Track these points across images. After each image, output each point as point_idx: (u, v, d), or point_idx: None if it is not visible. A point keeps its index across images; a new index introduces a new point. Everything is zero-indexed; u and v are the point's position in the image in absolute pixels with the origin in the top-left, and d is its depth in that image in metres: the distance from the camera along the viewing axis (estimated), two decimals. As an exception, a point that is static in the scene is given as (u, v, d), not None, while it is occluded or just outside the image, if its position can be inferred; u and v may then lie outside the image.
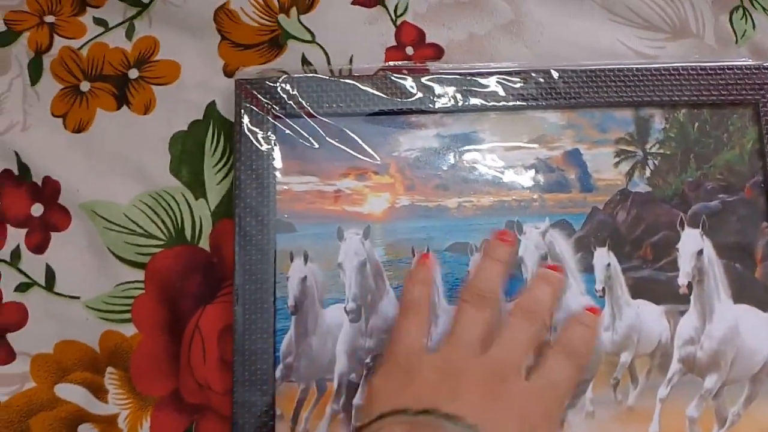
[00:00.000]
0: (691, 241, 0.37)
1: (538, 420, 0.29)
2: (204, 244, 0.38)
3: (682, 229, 0.37)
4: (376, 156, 0.38)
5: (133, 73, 0.39)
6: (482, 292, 0.32)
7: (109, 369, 0.37)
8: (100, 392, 0.36)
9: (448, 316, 0.37)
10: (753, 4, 0.41)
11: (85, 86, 0.39)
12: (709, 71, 0.38)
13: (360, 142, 0.38)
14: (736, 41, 0.40)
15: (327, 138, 0.38)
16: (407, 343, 0.32)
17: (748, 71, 0.39)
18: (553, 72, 0.38)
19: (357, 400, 0.36)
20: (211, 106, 0.39)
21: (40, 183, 0.38)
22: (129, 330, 0.37)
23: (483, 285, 0.33)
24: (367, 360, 0.36)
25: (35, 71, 0.39)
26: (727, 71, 0.39)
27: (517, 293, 0.36)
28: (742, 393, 0.36)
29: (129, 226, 0.38)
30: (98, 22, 0.40)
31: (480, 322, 0.32)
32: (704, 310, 0.37)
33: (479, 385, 0.29)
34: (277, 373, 0.36)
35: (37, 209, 0.38)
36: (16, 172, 0.38)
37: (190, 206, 0.38)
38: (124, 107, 0.39)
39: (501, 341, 0.31)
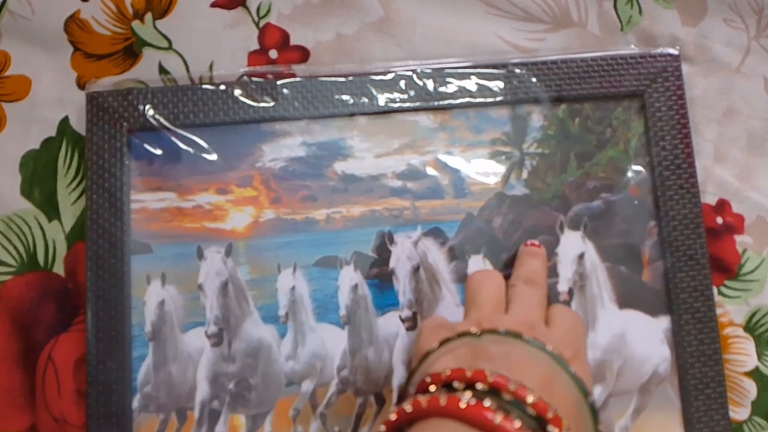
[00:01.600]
0: (572, 245, 0.36)
1: None
2: (58, 269, 0.37)
3: (562, 232, 0.36)
4: (239, 167, 0.37)
5: (-18, 91, 0.38)
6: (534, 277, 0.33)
7: (-39, 406, 0.35)
8: (-50, 431, 0.35)
9: (316, 334, 0.36)
10: (639, -11, 0.39)
11: (-68, 106, 0.38)
12: (590, 62, 0.37)
13: (221, 153, 0.37)
14: (622, 28, 0.38)
15: (185, 151, 0.37)
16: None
17: (633, 60, 0.37)
18: (422, 71, 0.37)
19: (220, 428, 0.35)
20: (64, 121, 0.38)
21: None
22: (-20, 364, 0.36)
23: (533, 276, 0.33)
24: (230, 386, 0.35)
25: None
26: (610, 61, 0.37)
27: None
28: (630, 405, 0.35)
29: (-22, 254, 0.36)
30: (-55, 37, 0.39)
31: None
32: (587, 317, 0.35)
33: None
34: (135, 404, 0.35)
35: None
36: None
37: (42, 229, 0.37)
38: (-26, 127, 0.38)
39: (515, 308, 0.31)
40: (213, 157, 0.37)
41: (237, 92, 0.37)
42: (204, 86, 0.37)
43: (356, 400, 0.35)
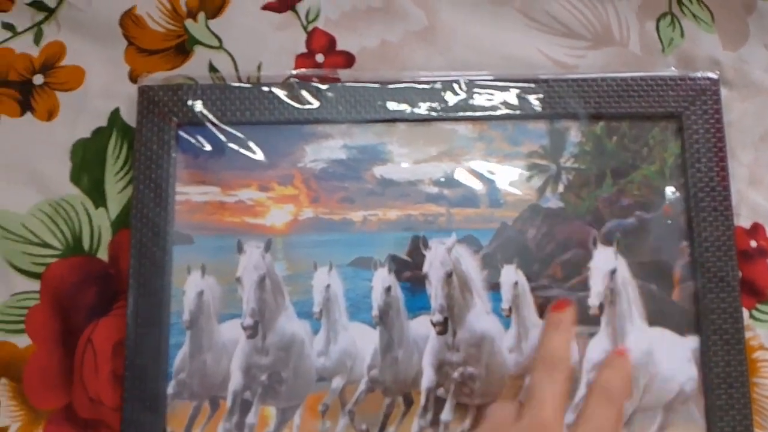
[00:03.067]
0: (604, 260, 0.37)
1: None
2: (102, 254, 0.39)
3: (595, 247, 0.37)
4: (281, 166, 0.39)
5: (38, 79, 0.40)
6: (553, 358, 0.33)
7: (2, 380, 0.38)
8: (-9, 405, 0.37)
9: (348, 333, 0.37)
10: (682, 11, 0.41)
11: (-11, 92, 0.40)
12: (630, 81, 0.39)
13: (264, 151, 0.39)
14: (663, 50, 0.40)
15: (230, 147, 0.39)
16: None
17: (672, 82, 0.39)
18: (464, 82, 0.38)
19: (250, 419, 0.37)
20: (115, 113, 0.40)
21: (-60, 190, 0.39)
22: (23, 341, 0.38)
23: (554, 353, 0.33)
24: (263, 378, 0.37)
25: (-59, 76, 0.41)
26: (650, 82, 0.39)
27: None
28: (655, 421, 0.36)
29: (26, 236, 0.39)
30: (6, 26, 0.41)
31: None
32: (616, 332, 0.37)
33: None
34: (169, 390, 0.37)
35: (-65, 217, 0.39)
36: None
37: (89, 216, 0.39)
38: (28, 113, 0.40)
39: (532, 402, 0.31)
40: (257, 154, 0.39)
41: (283, 93, 0.39)
42: (251, 86, 0.39)
43: (384, 399, 0.37)
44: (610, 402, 0.32)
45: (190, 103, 0.39)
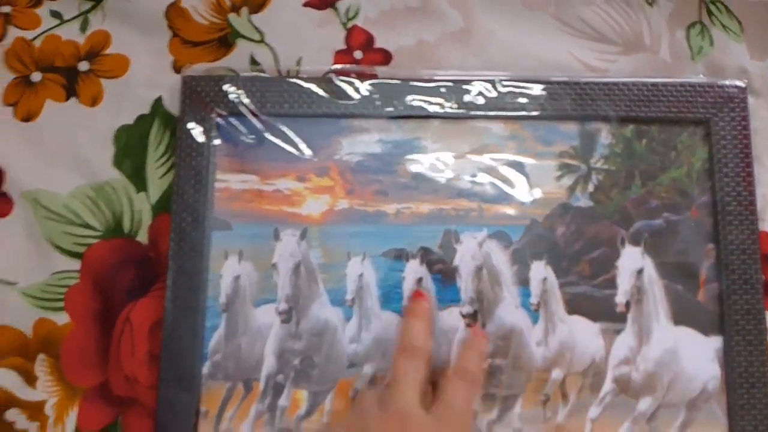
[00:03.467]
0: (632, 259, 0.38)
1: None
2: (142, 237, 0.40)
3: (623, 247, 0.39)
4: (318, 158, 0.40)
5: (84, 66, 0.42)
6: (413, 347, 0.35)
7: (41, 356, 0.39)
8: (29, 378, 0.39)
9: (379, 321, 0.38)
10: (712, 20, 0.42)
11: (36, 77, 0.42)
12: (660, 87, 0.40)
13: (302, 143, 0.40)
14: (692, 57, 0.41)
15: (269, 138, 0.40)
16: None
17: (701, 89, 0.40)
18: (498, 82, 0.40)
19: (282, 401, 0.38)
20: (158, 101, 0.41)
21: (-15, 170, 0.41)
22: (62, 318, 0.39)
23: (413, 341, 0.35)
24: (296, 362, 0.38)
25: (-11, 60, 0.42)
26: (679, 88, 0.40)
27: (446, 305, 0.38)
28: (678, 418, 0.38)
29: (68, 216, 0.40)
30: (54, 14, 0.43)
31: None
32: (641, 330, 0.38)
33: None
34: (204, 371, 0.38)
35: (-20, 195, 0.40)
36: (-36, 158, 0.41)
37: (130, 199, 0.40)
38: (73, 99, 0.42)
39: (393, 389, 0.33)
40: (295, 146, 0.40)
41: (321, 87, 0.40)
42: (291, 79, 0.40)
43: (414, 387, 0.38)
44: (467, 381, 0.34)
45: (231, 94, 0.40)
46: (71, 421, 0.39)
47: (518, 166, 0.40)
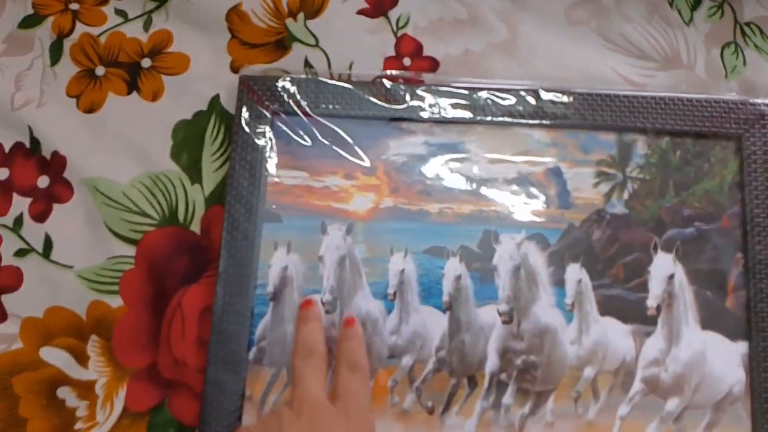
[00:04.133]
0: (664, 265, 0.40)
1: None
2: (195, 227, 0.42)
3: (656, 253, 0.41)
4: (365, 158, 0.42)
5: (146, 62, 0.45)
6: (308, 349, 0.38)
7: (93, 337, 0.41)
8: (81, 358, 0.41)
9: (419, 315, 0.40)
10: (746, 41, 0.44)
11: (100, 71, 0.45)
12: (695, 102, 0.42)
13: (351, 143, 0.43)
14: (726, 76, 0.44)
15: (320, 137, 0.43)
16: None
17: (734, 105, 0.42)
18: (542, 92, 0.42)
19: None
20: (215, 99, 0.44)
21: (48, 157, 0.43)
22: (115, 302, 0.41)
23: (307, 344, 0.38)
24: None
25: (55, 53, 0.45)
26: (713, 104, 0.42)
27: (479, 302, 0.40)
28: (704, 419, 0.39)
29: (126, 204, 0.42)
30: (119, 12, 0.46)
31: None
32: (671, 333, 0.40)
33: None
34: (251, 356, 0.40)
35: (43, 181, 0.43)
36: (27, 145, 0.44)
37: (185, 190, 0.43)
38: (134, 93, 0.44)
39: (298, 386, 0.36)
40: (344, 145, 0.42)
41: (371, 91, 0.43)
42: (343, 82, 0.43)
43: (450, 380, 0.40)
44: (354, 368, 0.37)
45: (286, 94, 0.43)
46: (120, 400, 0.41)
47: (557, 172, 0.42)
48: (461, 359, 0.40)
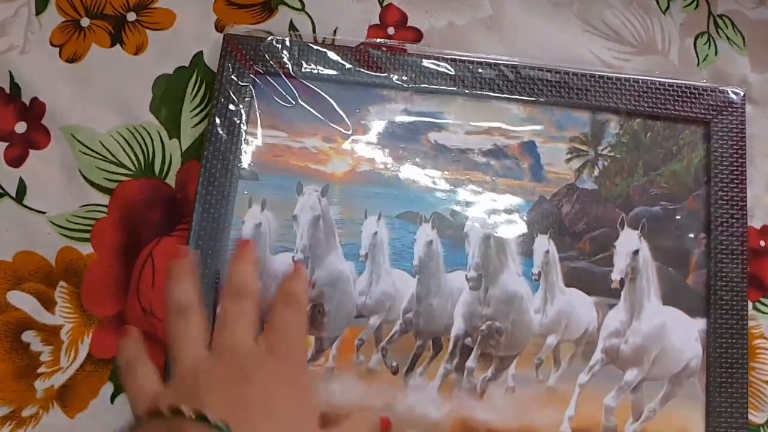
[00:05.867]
0: (629, 241, 0.43)
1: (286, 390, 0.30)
2: (171, 180, 0.44)
3: (622, 229, 0.43)
4: (345, 121, 0.44)
5: (131, 16, 0.46)
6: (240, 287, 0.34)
7: (62, 283, 0.42)
8: (48, 304, 0.42)
9: (389, 277, 0.42)
10: (718, 33, 0.47)
11: (84, 22, 0.46)
12: (668, 87, 0.45)
13: (333, 106, 0.44)
14: (698, 64, 0.46)
15: (301, 99, 0.44)
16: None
17: (704, 92, 0.45)
18: (520, 68, 0.44)
19: (291, 345, 0.41)
20: (198, 55, 0.45)
21: (27, 103, 0.44)
22: (86, 249, 0.42)
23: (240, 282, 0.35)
24: (307, 308, 0.41)
25: (41, 2, 0.46)
26: (685, 89, 0.45)
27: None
28: (661, 391, 0.41)
29: (103, 153, 0.44)
30: (107, -35, 0.47)
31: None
32: (633, 306, 0.42)
33: (221, 379, 0.30)
34: (219, 311, 0.41)
35: (20, 127, 0.44)
36: (7, 90, 0.44)
37: (163, 144, 0.44)
38: (118, 46, 0.45)
39: (223, 330, 0.32)
40: (325, 108, 0.44)
41: (355, 57, 0.45)
42: (327, 47, 0.45)
43: (416, 341, 0.41)
44: (293, 306, 0.34)
45: (269, 54, 0.44)
46: (84, 347, 0.42)
47: (532, 146, 0.44)
48: (428, 322, 0.42)
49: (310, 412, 0.30)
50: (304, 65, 0.44)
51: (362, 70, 0.45)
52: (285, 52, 0.45)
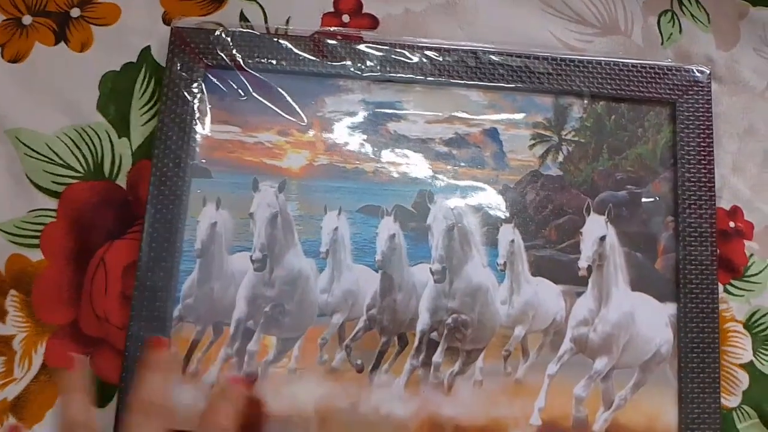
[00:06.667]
0: (596, 227, 0.42)
1: None
2: (121, 181, 0.42)
3: (588, 215, 0.42)
4: (301, 114, 0.43)
5: (75, 12, 0.44)
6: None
7: (12, 292, 0.41)
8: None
9: (351, 273, 0.41)
10: (682, 10, 0.46)
11: (27, 20, 0.44)
12: (631, 67, 0.44)
13: (287, 98, 0.43)
14: (662, 43, 0.46)
15: (254, 92, 0.43)
16: None
17: (669, 71, 0.44)
18: (480, 53, 0.43)
19: (252, 346, 0.40)
20: (146, 50, 0.44)
21: (-31, 106, 0.42)
22: (36, 255, 0.41)
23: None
24: (266, 309, 0.40)
25: (-20, 0, 0.44)
26: (649, 70, 0.44)
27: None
28: (631, 379, 0.41)
29: (49, 156, 0.42)
30: (48, -40, 0.45)
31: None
32: (601, 294, 0.41)
33: None
34: (176, 313, 0.40)
35: (-38, 131, 0.42)
36: (-54, 93, 0.43)
37: (112, 143, 0.43)
38: (62, 43, 0.44)
39: None
40: (279, 101, 0.43)
41: (308, 47, 0.43)
42: (279, 37, 0.43)
43: (381, 338, 0.40)
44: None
45: (220, 47, 0.43)
46: (38, 356, 0.40)
47: (494, 133, 0.43)
48: (392, 317, 0.41)
49: None
50: (256, 57, 0.43)
51: (317, 60, 0.43)
52: (236, 44, 0.43)
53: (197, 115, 0.42)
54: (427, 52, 0.43)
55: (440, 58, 0.44)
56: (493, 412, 0.40)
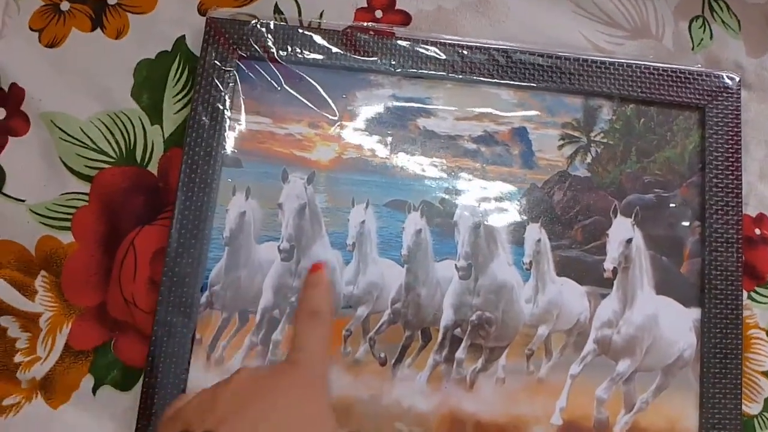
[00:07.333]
0: (622, 229, 0.42)
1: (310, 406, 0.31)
2: (153, 168, 0.43)
3: (615, 217, 0.42)
4: (333, 107, 0.43)
5: (112, 0, 0.45)
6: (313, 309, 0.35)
7: (42, 272, 0.41)
8: (28, 292, 0.41)
9: (377, 266, 0.41)
10: (713, 16, 0.46)
11: (65, 6, 0.45)
12: (661, 71, 0.44)
13: (319, 91, 0.43)
14: (693, 48, 0.46)
15: (286, 84, 0.43)
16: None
17: (699, 77, 0.44)
18: (512, 52, 0.44)
19: (276, 335, 0.40)
20: (181, 40, 0.44)
21: (6, 89, 0.43)
22: (67, 238, 0.42)
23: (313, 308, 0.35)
24: (292, 299, 0.41)
25: (20, -14, 0.45)
26: (679, 74, 0.44)
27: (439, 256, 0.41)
28: (653, 382, 0.41)
29: (83, 140, 0.43)
30: (87, -52, 0.46)
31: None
32: (626, 296, 0.41)
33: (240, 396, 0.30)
34: (202, 299, 0.40)
35: (-1, 113, 0.43)
36: (-16, 75, 0.43)
37: (145, 130, 0.43)
38: (98, 30, 0.44)
39: (301, 352, 0.33)
40: (310, 94, 0.43)
41: (341, 41, 0.44)
42: (313, 30, 0.44)
43: (404, 332, 0.41)
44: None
45: (254, 38, 0.43)
46: (62, 337, 0.41)
47: (522, 132, 0.44)
48: (416, 312, 0.41)
49: (326, 426, 0.30)
50: (290, 49, 0.44)
51: (349, 54, 0.44)
52: (269, 36, 0.44)
53: (229, 104, 0.43)
54: (459, 49, 0.44)
55: (471, 56, 0.44)
56: (514, 410, 0.40)
